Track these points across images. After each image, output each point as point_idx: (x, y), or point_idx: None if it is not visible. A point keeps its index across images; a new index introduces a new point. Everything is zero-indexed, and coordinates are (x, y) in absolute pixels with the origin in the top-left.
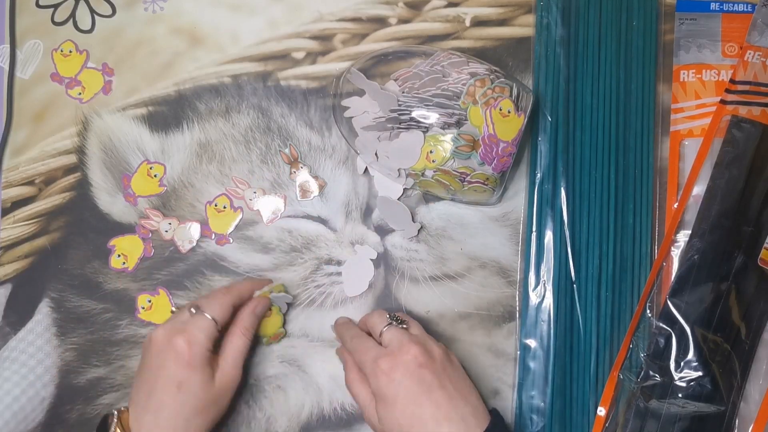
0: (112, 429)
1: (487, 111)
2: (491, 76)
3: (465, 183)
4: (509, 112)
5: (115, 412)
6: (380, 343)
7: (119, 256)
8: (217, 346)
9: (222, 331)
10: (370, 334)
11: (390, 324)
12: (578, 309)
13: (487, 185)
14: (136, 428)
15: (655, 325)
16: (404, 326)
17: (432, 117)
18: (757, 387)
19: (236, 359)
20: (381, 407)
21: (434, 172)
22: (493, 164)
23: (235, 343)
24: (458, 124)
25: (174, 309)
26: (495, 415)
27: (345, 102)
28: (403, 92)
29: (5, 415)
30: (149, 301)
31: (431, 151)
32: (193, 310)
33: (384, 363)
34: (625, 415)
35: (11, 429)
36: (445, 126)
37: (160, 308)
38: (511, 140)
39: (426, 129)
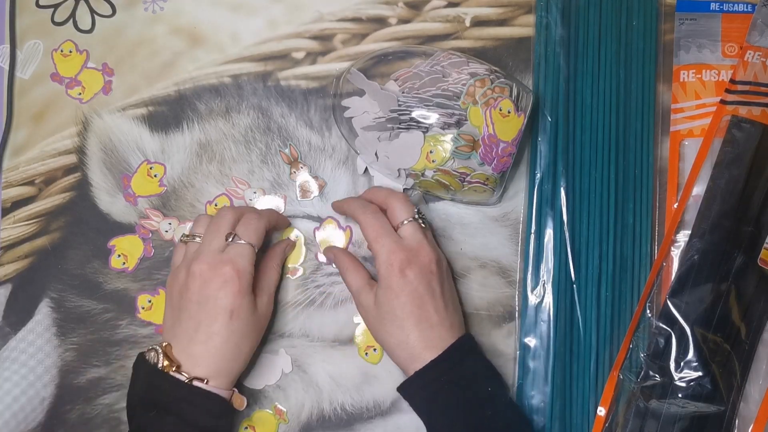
0: (161, 363)
1: (487, 111)
2: (491, 76)
3: (465, 183)
4: (509, 112)
5: (158, 348)
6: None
7: (119, 256)
8: None
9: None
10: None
11: (414, 219)
12: (578, 309)
13: (487, 185)
14: (186, 360)
15: (655, 325)
16: (424, 225)
17: (432, 117)
18: (757, 387)
19: (272, 290)
20: (383, 294)
21: (434, 172)
22: (493, 164)
23: (271, 276)
24: (458, 124)
25: (186, 235)
26: (469, 335)
27: (345, 102)
28: (403, 92)
29: (5, 415)
30: (149, 301)
31: (431, 151)
32: (230, 238)
33: (401, 257)
34: (625, 415)
35: (11, 429)
36: (445, 126)
37: (160, 308)
38: (511, 140)
39: (426, 129)
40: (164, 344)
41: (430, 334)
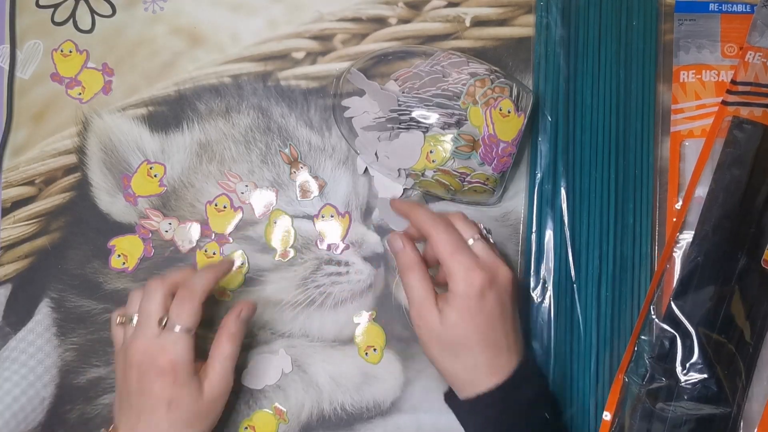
0: None
1: (487, 111)
2: (491, 76)
3: (465, 183)
4: (509, 112)
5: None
6: None
7: (119, 256)
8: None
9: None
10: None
11: (482, 237)
12: (578, 309)
13: (487, 185)
14: None
15: (659, 328)
16: (492, 241)
17: (432, 117)
18: (761, 388)
19: (225, 368)
20: (456, 314)
21: (434, 172)
22: (493, 164)
23: (223, 351)
24: (458, 124)
25: (122, 315)
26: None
27: (345, 102)
28: (403, 92)
29: (5, 415)
30: None
31: (431, 151)
32: (163, 322)
33: (481, 277)
34: (631, 418)
35: (11, 429)
36: (445, 126)
37: None
38: (511, 140)
39: (426, 129)
40: (111, 427)
41: (497, 360)
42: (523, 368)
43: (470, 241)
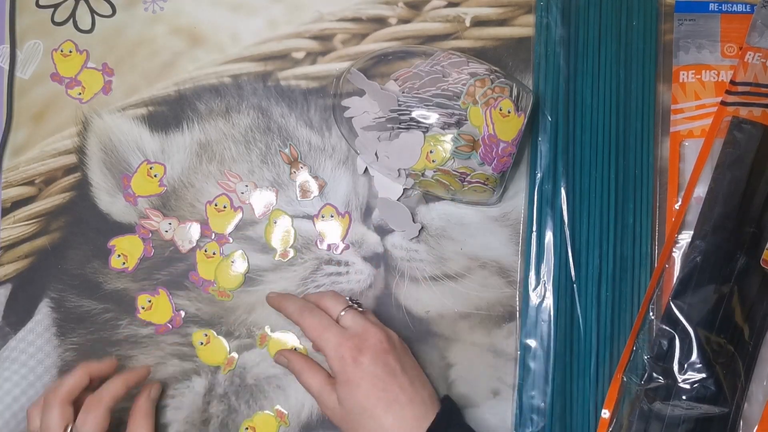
0: None
1: (487, 111)
2: (491, 76)
3: (465, 183)
4: (509, 112)
5: None
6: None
7: (119, 256)
8: None
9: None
10: None
11: (350, 307)
12: (578, 309)
13: (487, 185)
14: None
15: (658, 327)
16: (361, 309)
17: (432, 117)
18: (761, 388)
19: None
20: (343, 390)
21: (434, 172)
22: (493, 164)
23: (142, 427)
24: (458, 124)
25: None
26: (448, 400)
27: (345, 102)
28: (403, 92)
29: (5, 415)
30: (149, 301)
31: (431, 151)
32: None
33: (349, 347)
34: (629, 417)
35: (11, 429)
36: (445, 126)
37: (160, 308)
38: (511, 140)
39: (426, 129)
40: None
41: (404, 415)
42: (440, 419)
43: (342, 314)
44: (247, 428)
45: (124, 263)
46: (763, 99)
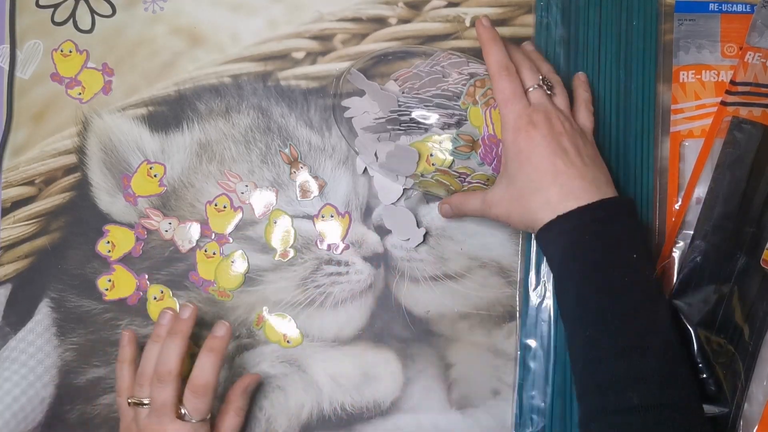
0: None
1: (487, 111)
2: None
3: (465, 183)
4: None
5: None
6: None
7: (108, 242)
8: None
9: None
10: None
11: (539, 86)
12: None
13: (487, 185)
14: None
15: None
16: (551, 92)
17: (432, 117)
18: (761, 388)
19: None
20: (513, 164)
21: (434, 172)
22: (492, 164)
23: (233, 423)
24: (458, 124)
25: (131, 399)
26: (627, 198)
27: (345, 102)
28: (403, 92)
29: (5, 415)
30: (110, 281)
31: (431, 155)
32: (182, 418)
33: (527, 120)
34: None
35: (11, 429)
36: (445, 126)
37: (121, 282)
38: None
39: (426, 129)
40: None
41: (572, 186)
42: (608, 201)
43: (530, 89)
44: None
45: (109, 251)
46: (763, 99)
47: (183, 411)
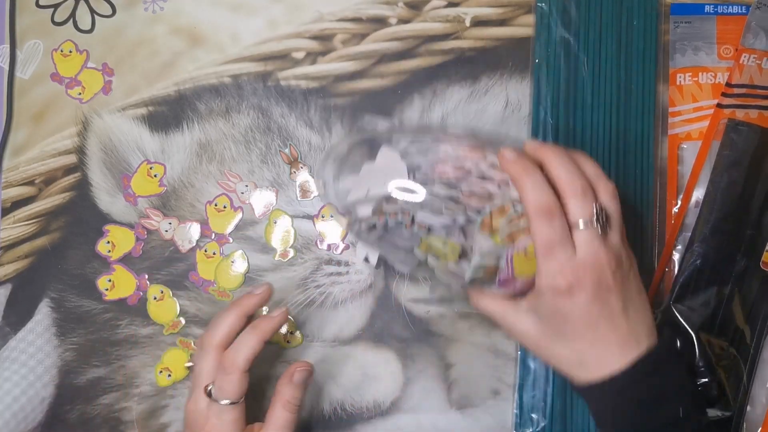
0: None
1: (509, 253)
2: (511, 203)
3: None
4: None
5: None
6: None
7: (108, 242)
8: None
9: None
10: None
11: (591, 225)
12: None
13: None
14: None
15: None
16: (603, 231)
17: (436, 221)
18: (763, 390)
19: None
20: (547, 322)
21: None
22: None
23: (277, 421)
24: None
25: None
26: (664, 339)
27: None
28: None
29: (5, 415)
30: (110, 281)
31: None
32: (209, 395)
33: (569, 278)
34: None
35: (11, 429)
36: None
37: (121, 282)
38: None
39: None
40: None
41: (609, 350)
42: (646, 358)
43: (579, 227)
44: (161, 371)
45: (109, 251)
46: (759, 101)
47: (209, 387)
